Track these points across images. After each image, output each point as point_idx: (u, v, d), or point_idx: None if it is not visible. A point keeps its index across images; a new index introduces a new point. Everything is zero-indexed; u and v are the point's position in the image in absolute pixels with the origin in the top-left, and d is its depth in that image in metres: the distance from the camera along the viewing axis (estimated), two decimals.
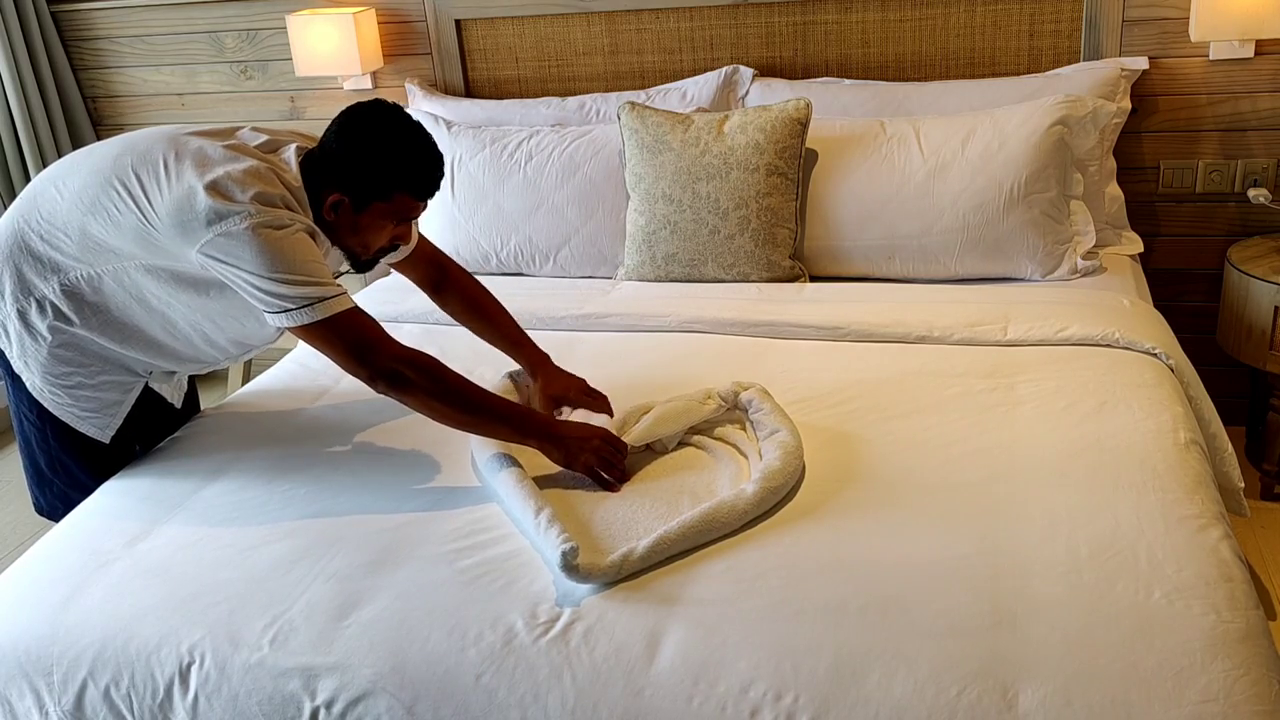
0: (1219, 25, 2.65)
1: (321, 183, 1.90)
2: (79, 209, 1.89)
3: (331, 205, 1.90)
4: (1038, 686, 1.37)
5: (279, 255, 1.78)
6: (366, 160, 1.87)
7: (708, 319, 2.47)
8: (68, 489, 2.09)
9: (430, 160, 1.90)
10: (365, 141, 1.87)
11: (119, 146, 1.93)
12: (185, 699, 1.57)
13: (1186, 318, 2.98)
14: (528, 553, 1.69)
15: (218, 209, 1.78)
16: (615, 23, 3.14)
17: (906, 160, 2.68)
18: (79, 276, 1.92)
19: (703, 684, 1.43)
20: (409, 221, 1.98)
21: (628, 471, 1.90)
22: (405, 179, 1.89)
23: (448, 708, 1.48)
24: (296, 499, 1.91)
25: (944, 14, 2.93)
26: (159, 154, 1.87)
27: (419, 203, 1.94)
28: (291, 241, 1.81)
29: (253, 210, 1.78)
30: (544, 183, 2.90)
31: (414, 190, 1.90)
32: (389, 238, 1.97)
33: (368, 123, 1.88)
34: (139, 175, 1.85)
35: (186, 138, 1.90)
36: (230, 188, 1.80)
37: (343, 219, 1.92)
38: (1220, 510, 1.73)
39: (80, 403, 2.02)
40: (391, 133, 1.87)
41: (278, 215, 1.80)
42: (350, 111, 1.91)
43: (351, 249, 1.97)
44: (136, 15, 3.51)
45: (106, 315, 1.96)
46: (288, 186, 1.87)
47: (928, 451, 1.89)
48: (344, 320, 1.83)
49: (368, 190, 1.89)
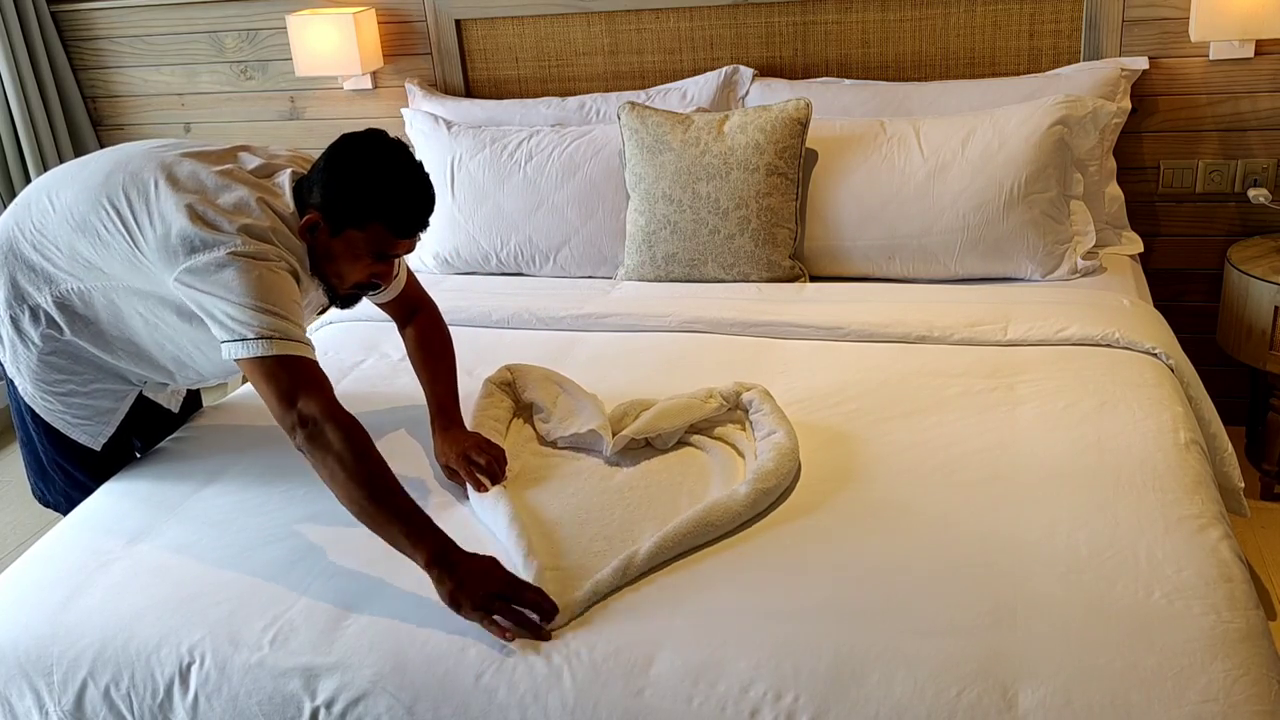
0: (1219, 25, 2.65)
1: (304, 205, 1.84)
2: (68, 225, 1.85)
3: (308, 226, 1.82)
4: (1037, 686, 1.37)
5: (256, 285, 1.71)
6: (346, 184, 1.79)
7: (708, 319, 2.47)
8: (69, 488, 2.10)
9: (414, 197, 1.82)
10: (349, 166, 1.80)
11: (111, 163, 1.88)
12: (185, 699, 1.57)
13: (1186, 318, 2.98)
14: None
15: (203, 238, 1.73)
16: (615, 23, 3.14)
17: (906, 160, 2.68)
18: (70, 289, 1.89)
19: (703, 684, 1.43)
20: (389, 260, 1.88)
21: (627, 470, 1.90)
22: (383, 209, 1.80)
23: (448, 708, 1.48)
24: (296, 499, 1.91)
25: (944, 14, 2.93)
26: (149, 176, 1.81)
27: (398, 240, 1.84)
28: (272, 276, 1.74)
29: (239, 242, 1.73)
30: (544, 183, 2.90)
31: (391, 223, 1.81)
32: (366, 273, 1.87)
33: (357, 149, 1.82)
34: (129, 197, 1.81)
35: (180, 159, 1.85)
36: (217, 219, 1.75)
37: (319, 242, 1.84)
38: (1220, 510, 1.74)
39: (72, 410, 2.01)
40: (378, 161, 1.80)
41: (263, 249, 1.75)
42: (345, 136, 1.85)
43: (327, 278, 1.88)
44: (136, 15, 3.51)
45: (98, 328, 1.94)
46: (278, 214, 1.81)
47: (928, 451, 1.90)
48: (291, 365, 1.72)
49: (344, 215, 1.80)
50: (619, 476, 1.89)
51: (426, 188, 1.84)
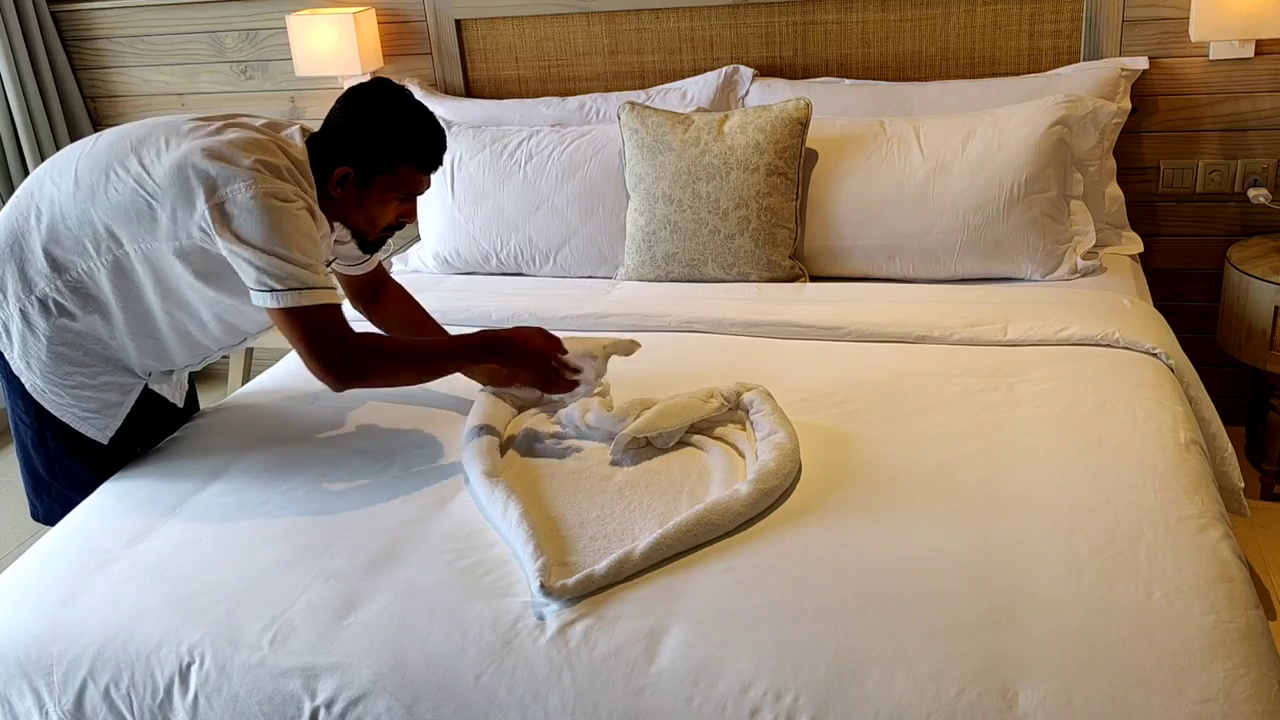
0: (1219, 25, 2.65)
1: (326, 159, 1.93)
2: (76, 199, 1.90)
3: (338, 180, 1.92)
4: (1037, 686, 1.37)
5: (280, 229, 1.79)
6: (371, 132, 1.90)
7: (708, 319, 2.47)
8: (67, 490, 2.09)
9: (433, 132, 1.94)
10: (369, 115, 1.91)
11: (114, 135, 1.95)
12: (185, 699, 1.57)
13: (1186, 318, 2.98)
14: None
15: (221, 173, 1.80)
16: (615, 23, 3.14)
17: (906, 160, 2.68)
18: (80, 271, 1.92)
19: (703, 684, 1.43)
20: (414, 197, 2.00)
21: (628, 470, 1.90)
22: (409, 150, 1.92)
23: (448, 707, 1.48)
24: (296, 499, 1.91)
25: (944, 14, 2.93)
26: (159, 134, 1.90)
27: (424, 176, 1.97)
28: (293, 219, 1.82)
29: (257, 175, 1.80)
30: (544, 183, 2.90)
31: (418, 161, 1.94)
32: (395, 214, 2.00)
33: (371, 98, 1.93)
34: (139, 154, 1.88)
35: (184, 121, 1.93)
36: (232, 153, 1.82)
37: (348, 194, 1.95)
38: (1220, 510, 1.73)
39: (81, 403, 2.02)
40: (394, 106, 1.92)
41: (282, 187, 1.82)
42: (354, 89, 1.96)
43: (358, 226, 2.00)
44: (136, 15, 3.51)
45: (109, 310, 1.96)
46: (292, 160, 1.89)
47: (928, 451, 1.89)
48: (324, 314, 1.84)
49: (372, 163, 1.92)
50: (619, 476, 1.89)
51: (437, 122, 1.96)
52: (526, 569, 1.62)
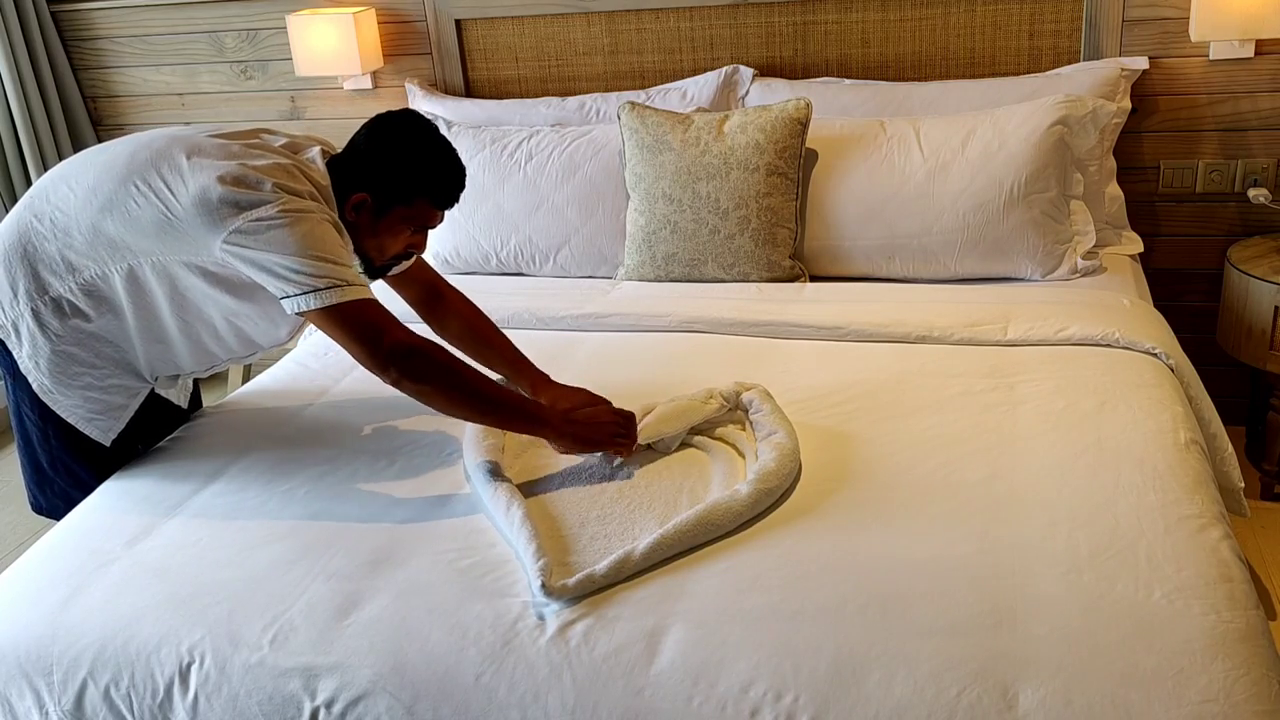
0: (1219, 25, 2.65)
1: (346, 183, 1.94)
2: (91, 207, 1.89)
3: (354, 205, 1.93)
4: (1037, 686, 1.37)
5: (309, 237, 1.80)
6: (393, 164, 1.92)
7: (708, 319, 2.47)
8: (69, 489, 2.09)
9: (455, 170, 1.96)
10: (394, 146, 1.92)
11: (134, 145, 1.94)
12: (185, 699, 1.57)
13: (1186, 318, 2.98)
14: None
15: (246, 197, 1.80)
16: (615, 23, 3.14)
17: (906, 160, 2.68)
18: (94, 275, 1.92)
19: (703, 684, 1.43)
20: (425, 231, 2.01)
21: (628, 470, 1.90)
22: (429, 185, 1.93)
23: (448, 707, 1.48)
24: (296, 499, 1.91)
25: (944, 14, 2.93)
26: (178, 151, 1.88)
27: (438, 211, 1.98)
28: (321, 228, 1.82)
29: (280, 197, 1.80)
30: (544, 183, 2.90)
31: (435, 198, 1.95)
32: (405, 244, 2.00)
33: (399, 129, 1.94)
34: (159, 170, 1.87)
35: (205, 138, 1.92)
36: (257, 179, 1.82)
37: (363, 220, 1.95)
38: (1220, 510, 1.73)
39: (88, 404, 2.02)
40: (420, 140, 1.93)
41: (305, 205, 1.83)
42: (382, 117, 1.97)
43: (367, 252, 2.00)
44: (136, 15, 3.51)
45: (120, 314, 1.96)
46: (314, 184, 1.89)
47: (928, 451, 1.89)
48: (365, 308, 1.83)
49: (391, 193, 1.93)
50: (619, 477, 1.89)
51: (460, 163, 1.98)
52: (528, 569, 1.62)
